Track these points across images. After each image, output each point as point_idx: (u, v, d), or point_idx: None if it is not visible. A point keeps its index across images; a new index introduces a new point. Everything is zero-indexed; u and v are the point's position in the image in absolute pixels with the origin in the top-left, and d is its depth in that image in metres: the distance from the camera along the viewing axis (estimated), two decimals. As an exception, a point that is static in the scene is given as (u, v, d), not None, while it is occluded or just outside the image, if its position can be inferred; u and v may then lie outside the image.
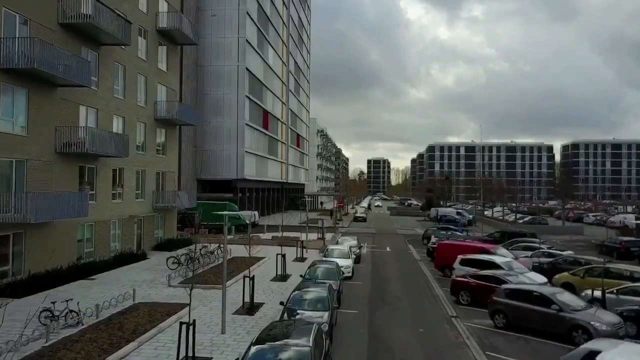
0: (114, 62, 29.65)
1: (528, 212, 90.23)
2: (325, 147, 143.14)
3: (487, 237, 42.02)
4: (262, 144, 69.05)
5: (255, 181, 66.20)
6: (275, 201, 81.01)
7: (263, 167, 69.75)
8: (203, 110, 59.81)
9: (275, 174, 77.50)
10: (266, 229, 50.28)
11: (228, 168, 59.82)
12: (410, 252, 39.51)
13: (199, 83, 59.80)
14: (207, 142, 59.93)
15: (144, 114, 33.50)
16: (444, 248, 28.35)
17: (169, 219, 37.59)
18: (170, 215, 37.88)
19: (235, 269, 27.27)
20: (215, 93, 59.90)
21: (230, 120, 59.73)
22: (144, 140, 33.79)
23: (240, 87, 59.70)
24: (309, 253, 35.28)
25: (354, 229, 58.14)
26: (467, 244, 27.80)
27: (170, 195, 36.31)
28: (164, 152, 37.09)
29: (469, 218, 65.83)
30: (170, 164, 37.91)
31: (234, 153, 59.71)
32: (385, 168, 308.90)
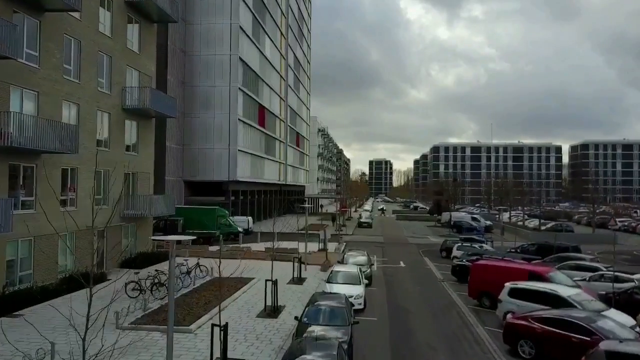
0: (64, 34, 23.60)
1: (544, 216, 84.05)
2: (326, 147, 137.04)
3: (519, 250, 35.92)
4: (257, 142, 62.99)
5: (249, 183, 60.14)
6: (273, 205, 74.95)
7: (259, 168, 63.68)
8: (191, 104, 53.80)
9: (272, 175, 71.43)
10: (260, 237, 44.19)
11: (219, 168, 53.76)
12: (428, 268, 33.41)
13: (186, 73, 53.75)
14: (195, 140, 53.86)
15: (107, 102, 27.46)
16: (480, 270, 22.24)
17: (142, 228, 31.54)
18: (144, 224, 31.83)
19: (212, 299, 21.13)
20: (205, 85, 53.85)
21: (222, 115, 53.67)
22: (108, 134, 27.74)
23: (232, 78, 53.65)
24: (308, 271, 29.23)
25: (359, 237, 52.06)
26: (511, 265, 21.67)
27: (144, 201, 30.26)
28: (136, 150, 31.05)
29: (485, 224, 59.72)
30: (144, 164, 31.86)
31: (226, 152, 53.64)
32: (388, 169, 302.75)
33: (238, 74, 54.04)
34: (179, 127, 52.46)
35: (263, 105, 64.86)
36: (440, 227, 68.17)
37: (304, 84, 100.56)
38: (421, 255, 39.62)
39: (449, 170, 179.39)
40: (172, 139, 51.07)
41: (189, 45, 53.84)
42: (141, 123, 31.45)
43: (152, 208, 30.71)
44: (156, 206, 31.03)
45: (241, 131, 55.69)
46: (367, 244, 45.59)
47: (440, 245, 40.95)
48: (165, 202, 32.08)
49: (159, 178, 48.89)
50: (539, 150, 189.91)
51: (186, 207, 46.45)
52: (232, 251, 35.39)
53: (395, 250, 42.24)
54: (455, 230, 58.32)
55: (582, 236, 52.65)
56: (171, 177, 50.85)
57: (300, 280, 26.20)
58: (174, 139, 51.44)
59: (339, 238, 43.48)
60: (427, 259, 37.28)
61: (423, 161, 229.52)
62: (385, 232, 58.51)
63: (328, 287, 20.79)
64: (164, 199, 31.89)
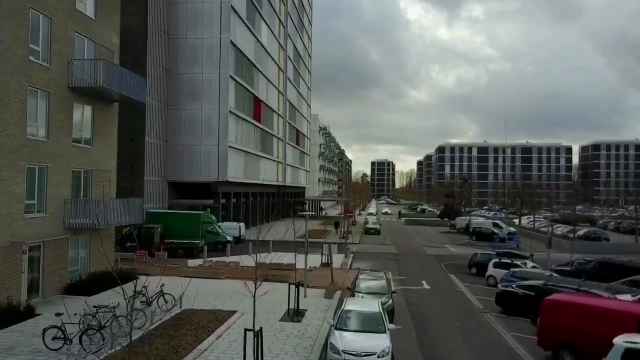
0: (-30, -24, 16.99)
1: (562, 220, 77.21)
2: (328, 147, 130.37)
3: (572, 267, 29.12)
4: (252, 138, 56.35)
5: (243, 184, 53.51)
6: (270, 208, 68.31)
7: (254, 167, 57.04)
8: (176, 94, 47.20)
9: (269, 175, 64.75)
10: (252, 247, 37.46)
11: (207, 168, 47.12)
12: (459, 291, 26.72)
13: (170, 59, 47.14)
14: (180, 135, 47.23)
15: (45, 77, 20.82)
16: (557, 310, 15.54)
17: (98, 241, 24.86)
18: (102, 236, 25.14)
19: (167, 356, 14.43)
20: (192, 72, 47.24)
21: (211, 106, 47.06)
22: (46, 120, 21.09)
23: (223, 64, 47.03)
24: (309, 297, 22.61)
25: (367, 247, 45.37)
26: (608, 305, 14.95)
27: (99, 207, 23.57)
28: (90, 141, 24.40)
29: (509, 231, 52.97)
30: (101, 159, 25.21)
31: (215, 148, 46.99)
32: (390, 170, 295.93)
33: (229, 60, 47.44)
34: (161, 120, 45.85)
35: (259, 97, 58.25)
36: (456, 233, 61.45)
37: (305, 79, 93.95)
38: (445, 272, 32.92)
39: (455, 172, 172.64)
40: (154, 134, 44.46)
41: (173, 26, 47.23)
42: (98, 108, 24.82)
43: (111, 215, 24.04)
44: (116, 213, 24.35)
45: (233, 125, 49.07)
46: (378, 256, 38.95)
47: (466, 258, 34.30)
48: (129, 208, 25.39)
49: (136, 178, 42.26)
50: (548, 151, 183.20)
51: (165, 212, 39.88)
52: (214, 268, 28.73)
53: (413, 265, 35.53)
54: (475, 238, 51.62)
55: (626, 246, 45.89)
56: (152, 177, 44.22)
57: (297, 314, 19.54)
58: (155, 133, 44.82)
59: (345, 249, 36.86)
60: (454, 277, 30.57)
61: (427, 162, 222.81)
62: (396, 240, 51.73)
63: (337, 338, 14.10)
64: (126, 203, 25.22)
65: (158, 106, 45.11)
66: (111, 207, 24.02)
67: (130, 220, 25.70)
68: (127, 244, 35.44)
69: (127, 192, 41.85)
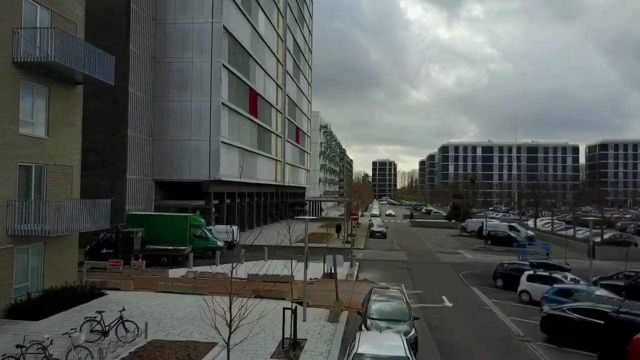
0: None
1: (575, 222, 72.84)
2: (329, 146, 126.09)
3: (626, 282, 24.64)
4: (248, 134, 52.13)
5: (238, 184, 49.27)
6: (268, 210, 64.07)
7: (250, 165, 52.80)
8: (164, 85, 43.02)
9: (267, 174, 60.55)
10: (245, 255, 33.19)
11: (198, 165, 42.90)
12: (488, 310, 22.47)
13: (157, 46, 42.92)
14: (168, 129, 43.01)
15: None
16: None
17: (57, 252, 20.64)
18: (63, 245, 20.90)
19: None
20: (181, 60, 43.02)
21: (201, 98, 42.83)
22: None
23: (215, 52, 42.81)
24: (309, 319, 18.43)
25: (374, 253, 41.09)
26: None
27: (56, 210, 19.32)
28: (45, 131, 20.16)
29: (527, 234, 48.72)
30: (60, 153, 20.97)
31: (206, 144, 42.76)
32: (392, 171, 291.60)
33: (222, 48, 43.21)
34: (147, 113, 41.63)
35: (255, 90, 54.03)
36: (467, 236, 57.18)
37: (305, 74, 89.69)
38: (465, 284, 28.67)
39: (459, 172, 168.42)
40: (138, 127, 40.23)
41: (160, 10, 43.01)
42: (56, 91, 20.58)
43: (71, 220, 19.81)
44: (75, 217, 20.11)
45: (226, 119, 44.86)
46: (387, 265, 34.71)
47: (485, 266, 30.11)
48: (93, 211, 21.12)
49: (117, 177, 38.05)
50: (554, 151, 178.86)
51: (148, 214, 35.65)
52: (197, 282, 24.48)
53: (428, 275, 31.25)
54: (490, 242, 47.36)
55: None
56: (136, 176, 39.98)
57: (294, 347, 15.31)
58: (140, 127, 40.59)
59: (350, 257, 32.62)
60: (478, 292, 26.32)
61: (430, 162, 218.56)
62: (404, 245, 47.37)
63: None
64: (90, 205, 20.95)
65: (143, 97, 40.89)
66: (69, 210, 19.77)
67: (96, 225, 21.42)
68: (103, 251, 31.23)
69: (107, 192, 37.65)
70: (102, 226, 21.75)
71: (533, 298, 22.91)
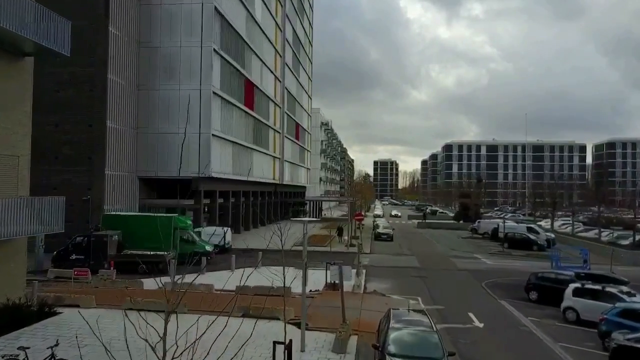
0: None
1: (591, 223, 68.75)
2: (330, 144, 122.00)
3: None
4: (243, 128, 48.09)
5: (232, 181, 45.23)
6: (266, 210, 59.98)
7: (245, 162, 48.75)
8: (149, 72, 39.01)
9: (264, 172, 56.50)
10: (236, 261, 29.20)
11: (186, 160, 38.81)
12: (529, 332, 18.37)
13: (142, 29, 38.89)
14: (153, 121, 39.00)
15: None
16: None
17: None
18: (3, 252, 16.82)
19: None
20: (168, 45, 38.99)
21: (190, 86, 38.79)
22: None
23: (205, 35, 38.79)
24: (309, 355, 14.37)
25: (381, 258, 37.00)
26: None
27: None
28: (-21, 110, 16.10)
29: (547, 237, 44.65)
30: (1, 139, 16.89)
31: (195, 137, 38.72)
32: (393, 170, 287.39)
33: (213, 31, 39.20)
34: (129, 103, 37.59)
35: (251, 80, 49.99)
36: (480, 238, 53.09)
37: (305, 67, 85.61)
38: (492, 296, 24.59)
39: (463, 171, 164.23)
40: (119, 119, 36.19)
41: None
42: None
43: (11, 222, 15.75)
44: (19, 219, 16.05)
45: (218, 110, 40.83)
46: (397, 272, 30.62)
47: (509, 273, 26.06)
48: (42, 211, 17.03)
49: (94, 173, 34.03)
50: (561, 150, 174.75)
51: (126, 214, 31.58)
52: (173, 295, 20.35)
53: (446, 285, 27.14)
54: (508, 245, 43.24)
55: None
56: (116, 172, 35.93)
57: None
58: (121, 118, 36.57)
59: (356, 264, 28.53)
60: (509, 306, 22.24)
61: (432, 161, 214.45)
62: (414, 249, 43.17)
63: None
64: (36, 203, 16.87)
65: (124, 85, 36.85)
66: (10, 210, 15.71)
67: (46, 228, 17.37)
68: (73, 257, 27.19)
69: (83, 190, 33.66)
70: (53, 229, 17.66)
71: (582, 317, 18.88)
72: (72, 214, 34.26)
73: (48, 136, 34.34)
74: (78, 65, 34.05)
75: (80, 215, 34.02)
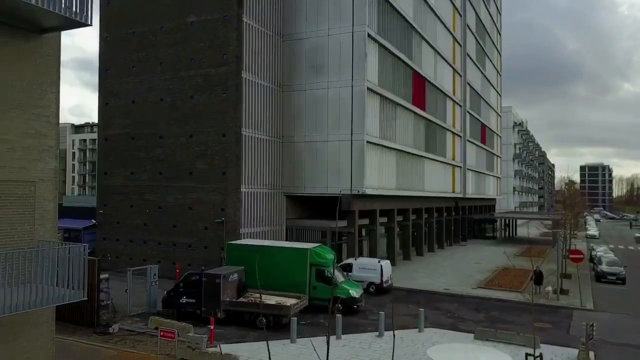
0: None
1: None
2: (525, 147, 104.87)
3: None
4: (410, 131, 39.26)
5: (394, 198, 36.77)
6: (443, 229, 49.91)
7: (413, 173, 39.80)
8: (293, 70, 32.97)
9: (439, 184, 46.66)
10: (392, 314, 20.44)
11: (336, 173, 31.66)
12: None
13: (285, 19, 33.08)
14: (298, 127, 32.76)
15: None
16: None
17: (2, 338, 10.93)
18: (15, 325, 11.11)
19: None
20: (313, 34, 32.48)
21: (339, 82, 31.57)
22: None
23: (357, 17, 31.23)
24: None
25: (616, 321, 24.35)
26: None
27: None
28: None
29: None
30: (4, 158, 11.21)
31: (346, 145, 31.28)
32: (605, 177, 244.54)
33: (369, 12, 31.42)
34: (269, 106, 31.96)
35: (421, 74, 40.96)
36: None
37: (492, 59, 72.69)
38: None
39: None
40: (257, 126, 30.68)
41: (288, -28, 33.13)
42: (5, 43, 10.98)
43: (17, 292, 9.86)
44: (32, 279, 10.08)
45: (376, 110, 32.86)
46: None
47: None
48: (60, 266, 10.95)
49: (228, 190, 28.91)
50: None
51: (252, 244, 25.23)
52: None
53: None
54: None
55: None
56: (255, 189, 30.41)
57: None
58: (259, 125, 31.04)
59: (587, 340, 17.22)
60: None
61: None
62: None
63: None
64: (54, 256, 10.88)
65: (263, 85, 31.29)
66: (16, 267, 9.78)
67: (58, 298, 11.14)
68: (183, 299, 21.76)
69: (216, 209, 28.84)
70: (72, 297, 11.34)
71: None
72: (206, 239, 29.72)
73: (183, 149, 30.50)
74: (212, 65, 29.51)
75: (216, 240, 29.25)
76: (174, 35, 31.04)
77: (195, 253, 29.79)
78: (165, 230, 30.95)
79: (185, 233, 30.27)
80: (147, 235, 31.62)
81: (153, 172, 31.60)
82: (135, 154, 32.25)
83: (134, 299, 22.32)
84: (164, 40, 31.40)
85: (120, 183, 32.88)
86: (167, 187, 30.97)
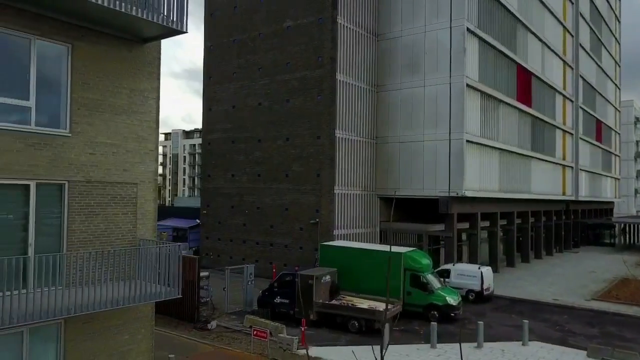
0: None
1: None
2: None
3: None
4: (515, 129, 36.82)
5: (498, 200, 34.66)
6: (553, 234, 46.25)
7: (518, 174, 37.28)
8: (388, 68, 32.41)
9: (544, 185, 43.28)
10: (492, 325, 19.16)
11: (432, 174, 30.50)
12: None
13: (380, 18, 32.57)
14: (393, 127, 32.02)
15: None
16: None
17: (95, 335, 11.73)
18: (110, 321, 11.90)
19: None
20: (409, 32, 31.58)
21: (437, 80, 30.39)
22: None
23: (456, 12, 29.88)
24: None
25: None
26: None
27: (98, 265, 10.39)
28: (68, 122, 11.47)
29: None
30: (102, 159, 12.01)
31: (444, 145, 30.01)
32: None
33: (465, 5, 29.93)
34: (363, 107, 31.61)
35: (526, 68, 38.30)
36: None
37: (610, 49, 66.19)
38: None
39: None
40: (350, 127, 30.51)
41: (383, -30, 32.57)
42: (95, 51, 11.79)
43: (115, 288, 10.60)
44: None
45: (476, 107, 31.19)
46: None
47: None
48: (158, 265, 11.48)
49: (322, 192, 29.14)
50: None
51: (345, 246, 24.96)
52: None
53: None
54: None
55: None
56: (350, 190, 30.25)
57: None
58: (353, 126, 30.84)
59: None
60: None
61: None
62: None
63: None
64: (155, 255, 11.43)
65: (357, 85, 31.00)
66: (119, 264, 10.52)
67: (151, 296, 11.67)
68: (277, 299, 22.11)
69: (311, 211, 29.16)
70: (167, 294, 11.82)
71: None
72: (302, 240, 30.08)
73: (280, 151, 31.17)
74: (307, 67, 29.85)
75: (310, 241, 29.52)
76: (271, 41, 31.84)
77: (291, 253, 30.26)
78: (263, 231, 31.81)
79: (281, 233, 30.88)
80: (246, 235, 32.72)
81: (252, 174, 32.65)
82: (236, 157, 33.55)
83: (232, 296, 23.08)
84: (261, 46, 32.34)
85: (221, 185, 34.39)
86: (265, 188, 31.82)
